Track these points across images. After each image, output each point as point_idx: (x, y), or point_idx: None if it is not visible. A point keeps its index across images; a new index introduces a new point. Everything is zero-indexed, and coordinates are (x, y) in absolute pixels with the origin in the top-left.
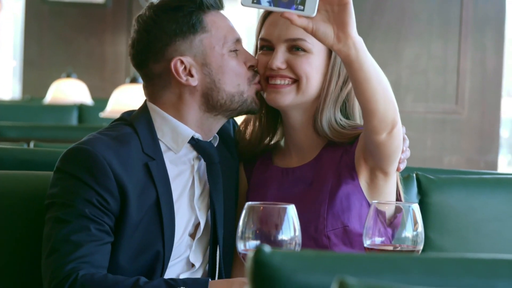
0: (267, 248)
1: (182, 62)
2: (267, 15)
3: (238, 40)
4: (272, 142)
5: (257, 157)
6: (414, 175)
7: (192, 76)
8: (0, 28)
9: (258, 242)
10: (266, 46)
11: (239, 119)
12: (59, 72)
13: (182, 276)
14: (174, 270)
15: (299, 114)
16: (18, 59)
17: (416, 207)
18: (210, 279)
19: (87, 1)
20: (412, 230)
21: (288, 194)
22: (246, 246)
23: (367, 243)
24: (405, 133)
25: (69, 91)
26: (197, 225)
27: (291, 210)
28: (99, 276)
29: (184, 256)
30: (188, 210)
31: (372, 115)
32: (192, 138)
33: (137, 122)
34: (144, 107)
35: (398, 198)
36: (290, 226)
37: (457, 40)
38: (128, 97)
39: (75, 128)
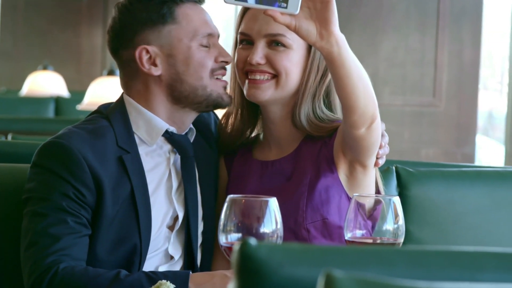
0: (253, 241)
1: (147, 51)
2: (247, 8)
3: (211, 35)
4: (253, 135)
5: (237, 150)
6: (394, 168)
7: (156, 65)
8: None
9: (240, 235)
10: (245, 40)
11: (220, 113)
12: (35, 64)
13: (161, 268)
14: (153, 262)
15: (278, 108)
16: None
17: (397, 199)
18: (191, 272)
19: None
20: (393, 223)
21: (267, 187)
22: (228, 239)
23: (348, 236)
24: (384, 129)
25: (45, 83)
26: (176, 218)
27: (273, 203)
28: (80, 269)
29: (163, 249)
30: (165, 202)
31: (352, 111)
32: (166, 131)
33: (112, 115)
34: (120, 100)
35: (378, 192)
36: (272, 219)
37: (434, 33)
38: (105, 89)
39: (53, 121)
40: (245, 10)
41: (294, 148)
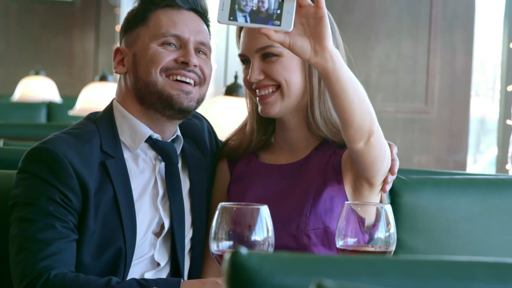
0: (243, 250)
1: (121, 53)
2: (241, 29)
3: (177, 36)
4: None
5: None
6: None
7: (124, 65)
8: None
9: (231, 243)
10: (244, 60)
11: (216, 125)
12: (27, 69)
13: (147, 275)
14: (139, 268)
15: (292, 116)
16: None
17: (388, 208)
18: (182, 279)
19: None
20: (385, 231)
21: (272, 190)
22: (219, 246)
23: (339, 243)
24: (396, 153)
25: (37, 88)
26: (162, 225)
27: (264, 211)
28: (71, 276)
29: (149, 255)
30: (150, 209)
31: (348, 125)
32: (151, 138)
33: (100, 120)
34: (109, 106)
35: None
36: (263, 227)
37: (426, 39)
38: (97, 95)
39: (45, 126)
40: (240, 31)
41: (305, 155)
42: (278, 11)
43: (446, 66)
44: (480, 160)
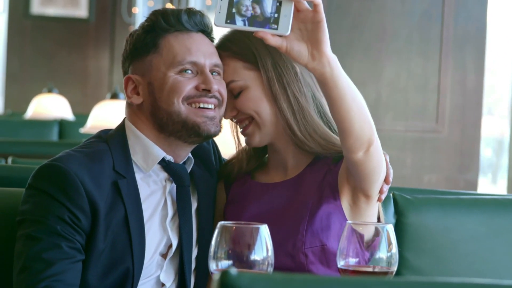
0: (233, 271)
1: (132, 81)
2: None
3: (194, 63)
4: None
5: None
6: (391, 195)
7: (138, 94)
8: None
9: (230, 262)
10: None
11: (220, 142)
12: (41, 87)
13: None
14: None
15: (276, 139)
16: (0, 73)
17: (390, 228)
18: None
19: (70, 16)
20: (387, 251)
21: (267, 209)
22: (219, 266)
23: (341, 263)
24: (388, 161)
25: (50, 106)
26: (169, 246)
27: (264, 230)
28: None
29: (155, 276)
30: (159, 230)
31: (347, 134)
32: (163, 159)
33: (112, 140)
34: (121, 125)
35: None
36: (263, 246)
37: (437, 58)
38: (108, 113)
39: (54, 144)
40: None
41: (298, 172)
42: (276, 15)
43: (457, 85)
44: (498, 180)
